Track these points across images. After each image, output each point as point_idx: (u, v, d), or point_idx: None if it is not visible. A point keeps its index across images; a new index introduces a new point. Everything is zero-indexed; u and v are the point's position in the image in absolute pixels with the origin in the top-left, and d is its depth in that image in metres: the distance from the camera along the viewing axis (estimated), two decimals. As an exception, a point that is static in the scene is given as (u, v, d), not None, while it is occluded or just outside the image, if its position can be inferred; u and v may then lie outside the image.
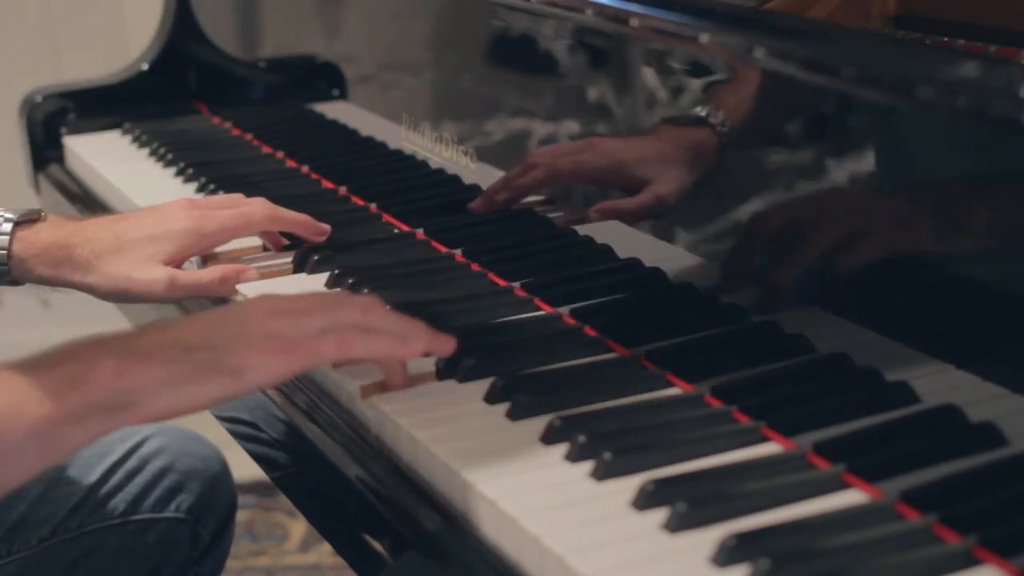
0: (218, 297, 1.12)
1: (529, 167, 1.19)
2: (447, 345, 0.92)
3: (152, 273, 1.11)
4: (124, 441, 1.26)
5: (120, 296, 1.13)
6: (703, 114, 0.99)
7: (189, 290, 1.11)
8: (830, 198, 0.92)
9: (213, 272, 1.11)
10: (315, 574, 2.19)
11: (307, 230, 1.19)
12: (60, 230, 1.15)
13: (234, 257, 1.20)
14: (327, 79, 1.59)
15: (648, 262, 1.08)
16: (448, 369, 0.94)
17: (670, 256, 1.04)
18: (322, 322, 0.86)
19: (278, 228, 1.19)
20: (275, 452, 1.09)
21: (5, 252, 1.14)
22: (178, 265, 1.13)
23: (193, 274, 1.12)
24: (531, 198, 1.22)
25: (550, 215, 1.20)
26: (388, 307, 0.94)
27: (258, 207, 1.17)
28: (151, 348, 0.81)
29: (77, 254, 1.13)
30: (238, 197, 1.21)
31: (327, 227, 1.20)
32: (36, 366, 0.78)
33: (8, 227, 1.15)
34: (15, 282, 1.17)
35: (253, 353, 0.83)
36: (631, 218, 1.09)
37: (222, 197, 1.22)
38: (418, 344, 0.90)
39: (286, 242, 1.21)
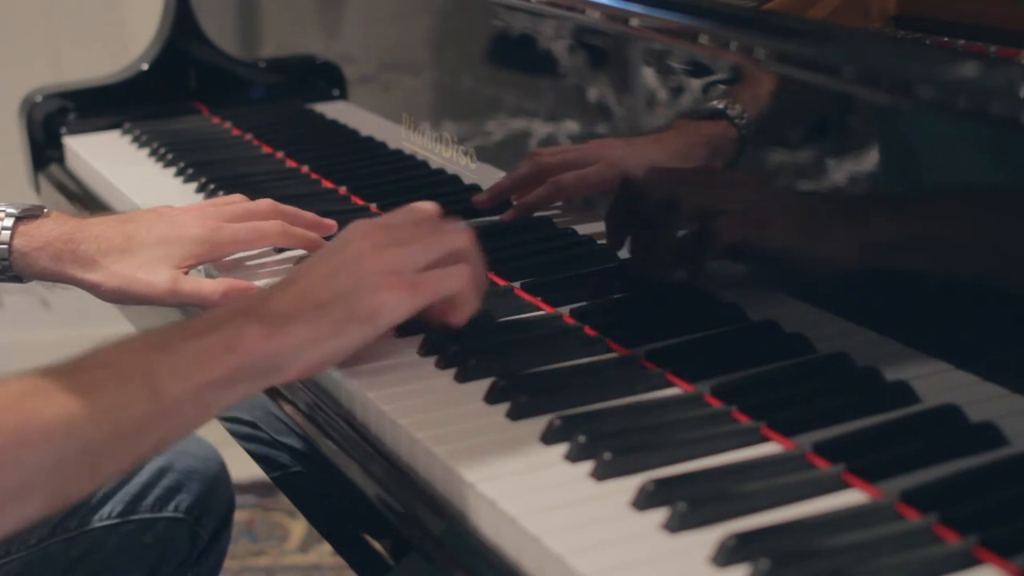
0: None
1: (552, 189, 1.18)
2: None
3: (157, 275, 1.10)
4: (123, 441, 1.26)
5: (121, 295, 1.12)
6: (719, 107, 0.99)
7: (189, 299, 1.10)
8: (829, 198, 0.92)
9: (217, 285, 1.10)
10: (315, 574, 2.19)
11: (321, 229, 1.19)
12: (64, 225, 1.15)
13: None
14: (327, 79, 1.59)
15: (648, 262, 1.08)
16: (448, 361, 0.95)
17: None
18: (432, 251, 0.91)
19: (289, 245, 1.19)
20: (275, 452, 1.09)
21: (6, 247, 1.14)
22: (185, 272, 1.12)
23: (197, 282, 1.11)
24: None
25: (550, 215, 1.20)
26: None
27: (272, 225, 1.16)
28: (289, 310, 0.86)
29: (82, 250, 1.12)
30: (239, 198, 1.21)
31: (332, 224, 1.20)
32: (189, 332, 0.83)
33: (10, 222, 1.14)
34: (17, 278, 1.17)
35: (382, 293, 0.87)
36: None
37: (230, 204, 1.20)
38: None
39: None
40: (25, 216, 1.15)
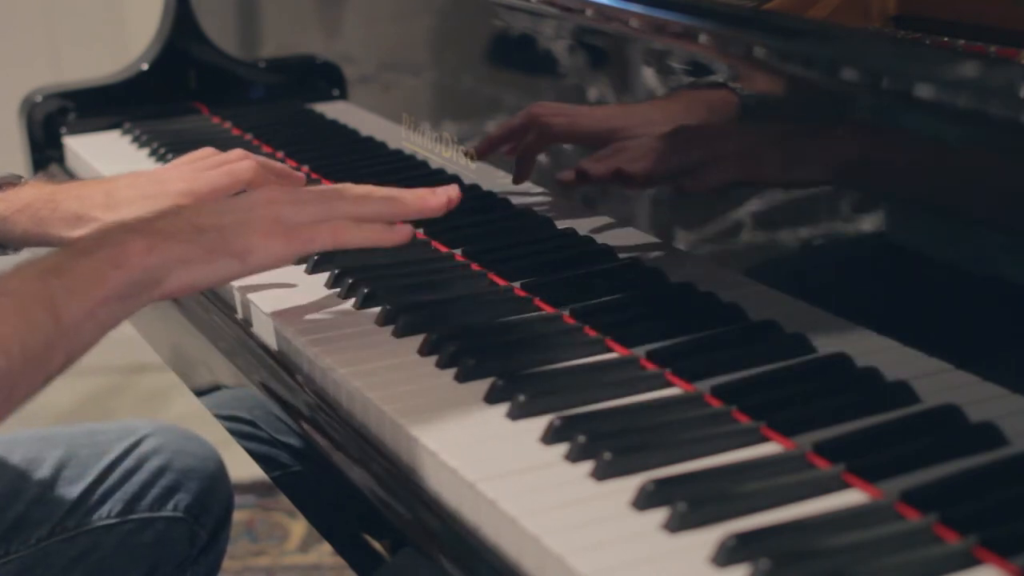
0: None
1: (540, 134, 1.19)
2: (436, 205, 1.02)
3: None
4: (121, 440, 1.26)
5: None
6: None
7: None
8: (829, 198, 0.92)
9: None
10: (315, 574, 2.19)
11: (287, 178, 1.21)
12: (44, 188, 1.18)
13: None
14: (327, 79, 1.59)
15: (648, 262, 1.08)
16: (448, 361, 0.95)
17: (670, 256, 1.04)
18: (319, 210, 0.96)
19: (268, 178, 1.20)
20: (275, 451, 1.09)
21: None
22: None
23: None
24: (530, 197, 1.22)
25: (550, 215, 1.20)
26: (382, 191, 1.02)
27: (246, 165, 1.19)
28: (170, 229, 0.90)
29: (64, 208, 1.14)
30: (209, 151, 1.23)
31: (301, 176, 1.24)
32: (78, 253, 0.87)
33: None
34: (0, 247, 1.18)
35: (256, 236, 0.92)
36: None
37: (202, 158, 1.22)
38: (404, 232, 1.01)
39: None
40: (2, 183, 1.17)
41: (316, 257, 1.16)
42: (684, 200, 1.06)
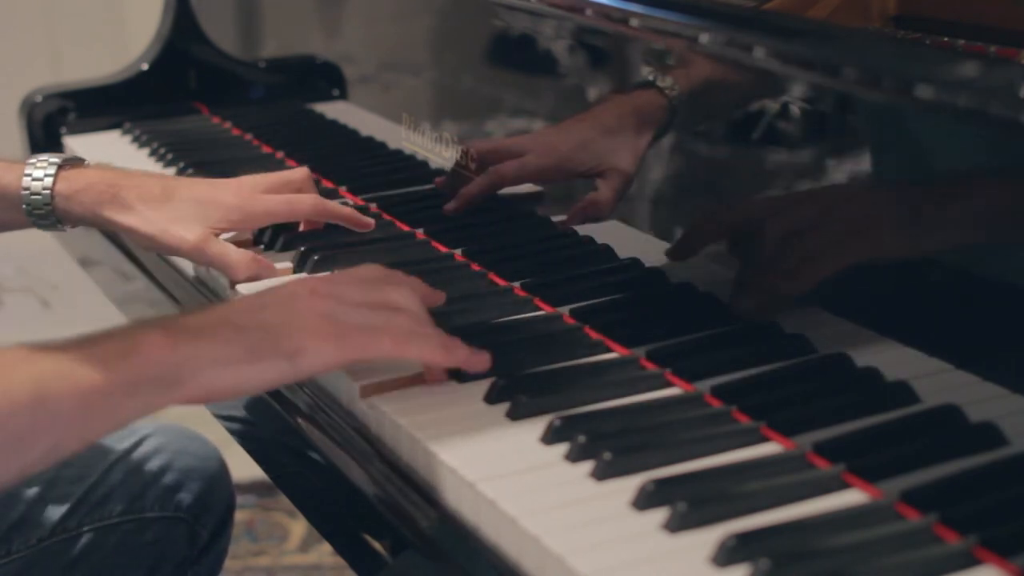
0: (228, 278, 1.12)
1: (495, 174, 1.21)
2: (482, 362, 0.92)
3: (188, 230, 1.12)
4: (123, 440, 1.26)
5: (151, 242, 1.14)
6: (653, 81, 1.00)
7: (213, 260, 1.12)
8: (830, 198, 0.92)
9: (243, 256, 1.11)
10: (315, 574, 2.19)
11: (352, 223, 1.20)
12: (107, 172, 1.18)
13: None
14: (327, 79, 1.59)
15: (648, 262, 1.08)
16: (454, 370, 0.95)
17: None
18: (373, 312, 0.87)
19: (324, 219, 1.20)
20: (275, 452, 1.09)
21: (49, 192, 1.17)
22: (216, 235, 1.14)
23: (224, 247, 1.12)
24: (530, 198, 1.22)
25: (550, 216, 1.20)
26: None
27: (306, 198, 1.18)
28: (199, 326, 0.82)
29: (123, 195, 1.15)
30: (283, 176, 1.21)
31: (371, 221, 1.21)
32: (84, 341, 0.79)
33: (52, 169, 1.18)
34: (57, 224, 1.19)
35: (308, 338, 0.83)
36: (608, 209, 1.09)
37: (272, 177, 1.20)
38: (461, 352, 0.91)
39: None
40: (65, 163, 1.18)
41: (316, 257, 1.16)
42: (684, 200, 1.06)
